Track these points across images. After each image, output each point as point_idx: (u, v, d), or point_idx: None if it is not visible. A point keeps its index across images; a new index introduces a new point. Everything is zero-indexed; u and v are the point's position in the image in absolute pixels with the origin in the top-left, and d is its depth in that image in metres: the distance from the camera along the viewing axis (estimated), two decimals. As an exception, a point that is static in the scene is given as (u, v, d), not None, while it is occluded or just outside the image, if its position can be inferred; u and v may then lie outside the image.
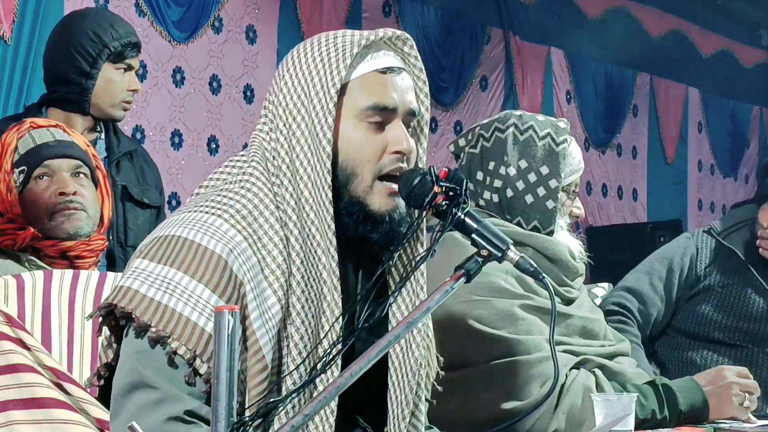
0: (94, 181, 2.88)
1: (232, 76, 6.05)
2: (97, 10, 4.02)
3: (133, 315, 1.79)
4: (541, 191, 2.61)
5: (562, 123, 2.68)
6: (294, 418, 1.57)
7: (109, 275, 2.34)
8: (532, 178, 2.61)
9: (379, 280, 1.87)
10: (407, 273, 1.95)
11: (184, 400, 1.77)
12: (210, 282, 1.80)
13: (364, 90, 1.91)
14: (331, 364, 1.73)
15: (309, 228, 1.87)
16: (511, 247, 1.81)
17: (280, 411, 1.75)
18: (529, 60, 7.89)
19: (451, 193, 1.83)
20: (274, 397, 1.77)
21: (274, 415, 1.73)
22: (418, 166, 1.98)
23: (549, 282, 1.83)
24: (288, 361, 1.85)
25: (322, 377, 1.80)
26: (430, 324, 2.10)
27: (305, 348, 1.85)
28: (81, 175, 2.84)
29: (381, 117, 1.91)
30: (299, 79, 1.92)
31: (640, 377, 2.71)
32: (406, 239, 1.92)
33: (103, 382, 1.92)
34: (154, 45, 5.60)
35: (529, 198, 2.61)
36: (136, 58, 3.52)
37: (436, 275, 2.04)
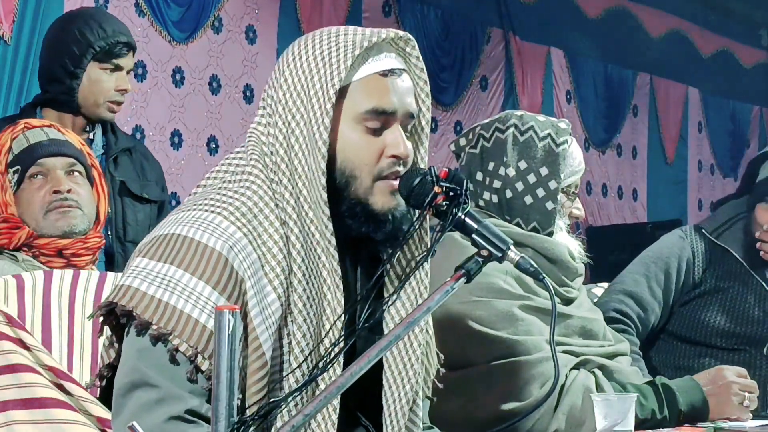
0: (90, 180, 2.88)
1: (231, 76, 6.05)
2: (91, 10, 3.99)
3: (134, 313, 1.79)
4: (540, 192, 2.61)
5: (563, 124, 2.68)
6: (295, 417, 1.58)
7: (109, 275, 2.34)
8: (532, 179, 2.61)
9: (380, 280, 1.87)
10: (408, 272, 1.95)
11: (185, 399, 1.77)
12: (211, 279, 1.80)
13: (364, 93, 1.91)
14: (332, 363, 1.73)
15: (308, 226, 1.87)
16: (512, 247, 1.81)
17: (282, 410, 1.75)
18: (529, 60, 7.89)
19: (451, 193, 1.83)
20: (275, 395, 1.78)
21: (275, 414, 1.72)
22: (418, 166, 1.98)
23: (549, 282, 1.83)
24: (290, 359, 1.85)
25: (323, 376, 1.80)
26: (431, 321, 2.10)
27: (307, 346, 1.85)
28: (75, 173, 2.84)
29: (380, 121, 1.91)
30: (299, 76, 1.91)
31: (638, 376, 2.71)
32: (407, 239, 1.92)
33: (105, 382, 1.92)
34: (153, 45, 5.59)
35: (528, 199, 2.61)
36: (126, 58, 3.46)
37: (436, 275, 2.04)
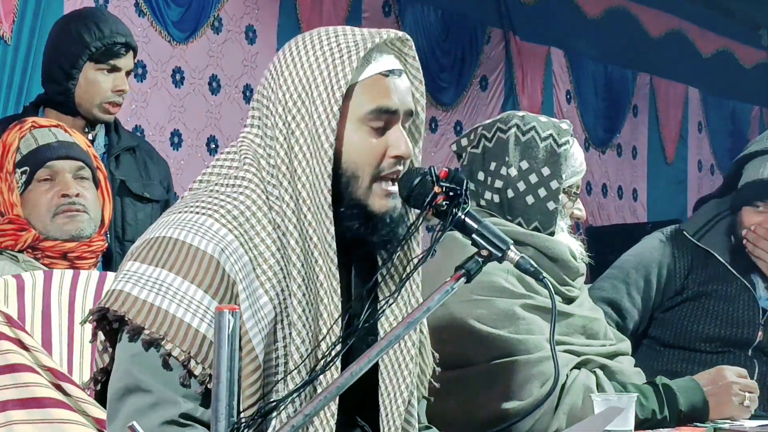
0: (95, 182, 2.88)
1: (231, 76, 6.04)
2: (92, 11, 3.97)
3: (126, 318, 1.79)
4: (542, 192, 2.61)
5: (565, 124, 2.68)
6: (294, 417, 1.57)
7: (109, 275, 2.34)
8: (534, 179, 2.61)
9: (378, 281, 1.87)
10: (406, 273, 1.95)
11: (178, 403, 1.77)
12: (203, 283, 1.79)
13: (367, 93, 1.91)
14: (332, 363, 1.73)
15: (307, 230, 1.86)
16: (512, 247, 1.81)
17: (280, 411, 1.75)
18: (529, 60, 7.88)
19: (451, 193, 1.83)
20: (269, 399, 1.77)
21: (276, 413, 1.72)
22: (413, 165, 1.98)
23: (549, 282, 1.83)
24: (287, 362, 1.85)
25: (321, 378, 1.80)
26: (425, 321, 2.09)
27: (306, 351, 1.85)
28: (83, 176, 2.84)
29: (383, 121, 1.91)
30: (300, 77, 1.90)
31: (639, 377, 2.71)
32: (406, 239, 1.92)
33: (99, 386, 1.91)
34: (153, 45, 5.59)
35: (530, 199, 2.61)
36: (124, 59, 3.45)
37: (436, 275, 2.04)
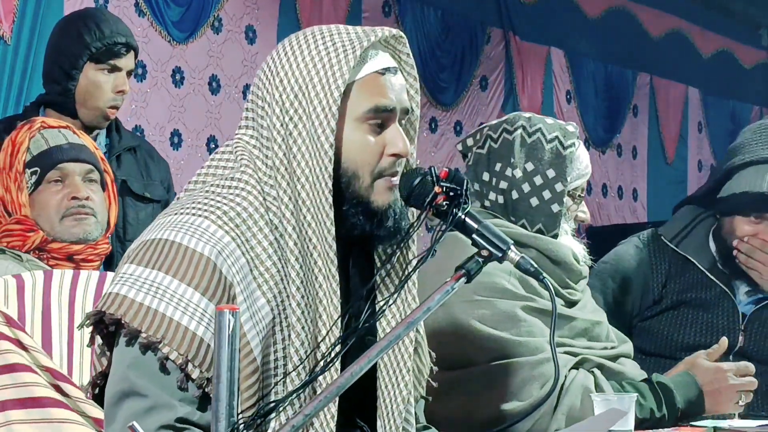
0: (102, 185, 2.89)
1: (231, 76, 6.04)
2: (93, 11, 3.95)
3: (123, 321, 1.78)
4: (546, 194, 2.61)
5: (571, 127, 2.68)
6: (295, 417, 1.57)
7: (109, 275, 2.33)
8: (538, 180, 2.61)
9: (378, 281, 1.87)
10: (405, 273, 1.94)
11: (175, 408, 1.76)
12: (200, 285, 1.78)
13: (365, 92, 1.90)
14: (332, 363, 1.73)
15: (306, 231, 1.85)
16: (512, 247, 1.81)
17: (280, 411, 1.74)
18: (529, 60, 7.88)
19: (451, 193, 1.83)
20: (268, 401, 1.77)
21: (275, 414, 1.72)
22: (410, 163, 1.98)
23: (550, 282, 1.83)
24: (286, 364, 1.85)
25: (320, 379, 1.80)
26: (421, 321, 2.09)
27: (305, 353, 1.85)
28: (92, 179, 2.84)
29: (381, 119, 1.91)
30: (296, 77, 1.89)
31: (640, 378, 2.70)
32: (409, 237, 1.92)
33: (98, 390, 1.90)
34: (153, 45, 5.58)
35: (534, 201, 2.61)
36: (125, 59, 3.44)
37: (436, 275, 2.04)
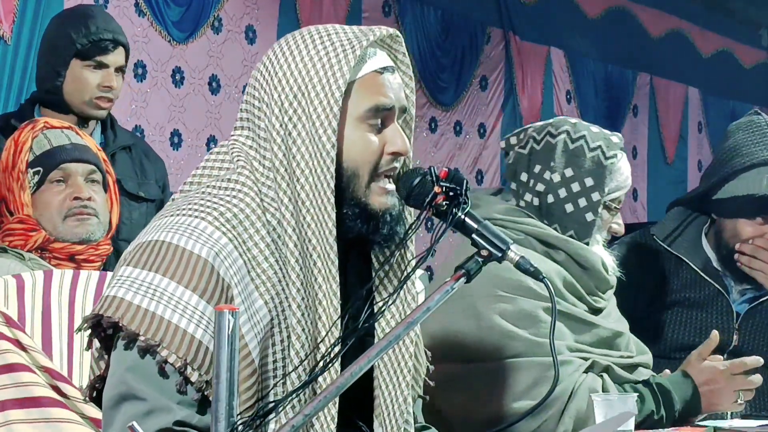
0: (104, 186, 2.89)
1: (231, 76, 6.04)
2: (82, 8, 3.91)
3: (120, 324, 1.77)
4: (582, 202, 2.61)
5: (616, 138, 2.68)
6: (295, 417, 1.57)
7: (109, 275, 2.33)
8: (576, 187, 2.60)
9: (374, 281, 1.87)
10: (405, 273, 1.94)
11: (173, 411, 1.75)
12: (197, 287, 1.77)
13: (364, 92, 1.90)
14: (332, 363, 1.73)
15: (305, 232, 1.85)
16: (512, 247, 1.80)
17: (279, 412, 1.74)
18: (529, 60, 7.88)
19: (451, 193, 1.83)
20: (266, 402, 1.76)
21: (275, 415, 1.72)
22: (407, 162, 1.98)
23: (549, 283, 1.83)
24: (285, 365, 1.84)
25: (320, 379, 1.80)
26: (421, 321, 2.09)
27: (305, 355, 1.84)
28: (94, 180, 2.85)
29: (380, 118, 1.91)
30: (295, 78, 1.89)
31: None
32: (408, 238, 1.92)
33: (96, 394, 1.89)
34: (153, 45, 5.59)
35: (569, 207, 2.61)
36: (111, 55, 3.41)
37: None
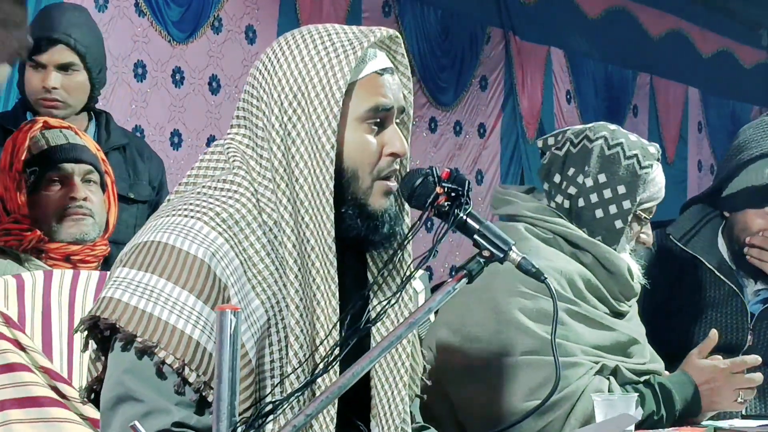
0: (102, 186, 2.89)
1: (231, 77, 6.04)
2: (47, 8, 3.86)
3: (117, 326, 1.76)
4: (612, 209, 2.61)
5: (653, 148, 2.67)
6: (296, 418, 1.57)
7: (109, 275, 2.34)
8: (608, 194, 2.61)
9: (374, 282, 1.87)
10: (406, 275, 1.94)
11: (171, 412, 1.75)
12: (194, 288, 1.77)
13: (364, 93, 1.90)
14: (333, 363, 1.73)
15: (304, 232, 1.84)
16: (513, 248, 1.80)
17: (279, 412, 1.74)
18: (529, 60, 7.88)
19: (453, 193, 1.82)
20: (267, 401, 1.76)
21: (276, 414, 1.71)
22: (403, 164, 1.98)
23: (551, 284, 1.83)
24: (284, 366, 1.84)
25: (320, 380, 1.79)
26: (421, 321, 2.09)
27: (304, 356, 1.84)
28: (91, 180, 2.84)
29: (380, 118, 1.91)
30: (295, 78, 1.88)
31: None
32: (409, 240, 1.92)
33: (93, 396, 1.89)
34: (153, 45, 5.59)
35: (599, 212, 2.61)
36: (47, 54, 3.31)
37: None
